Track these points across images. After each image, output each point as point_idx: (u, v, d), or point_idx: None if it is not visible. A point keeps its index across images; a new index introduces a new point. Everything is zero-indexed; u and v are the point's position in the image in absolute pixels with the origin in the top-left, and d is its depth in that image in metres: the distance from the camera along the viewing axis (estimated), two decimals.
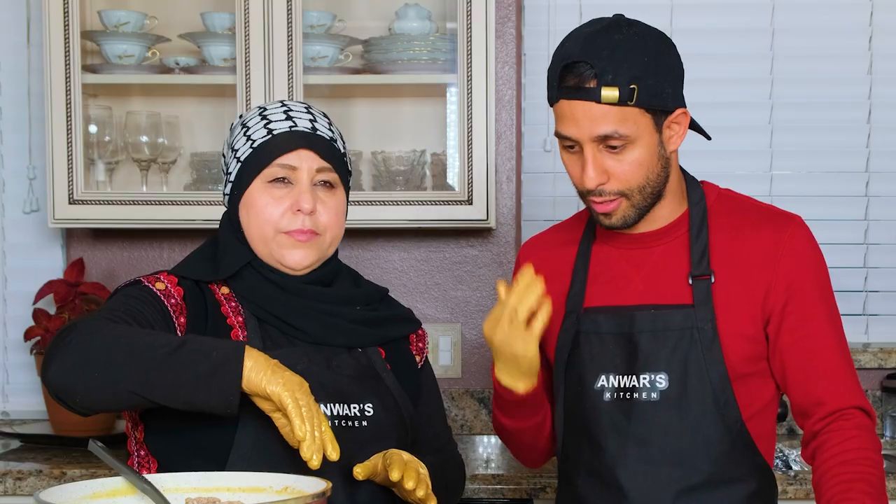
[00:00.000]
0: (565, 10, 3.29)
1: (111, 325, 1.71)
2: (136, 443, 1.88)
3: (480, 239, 3.28)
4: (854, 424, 1.90)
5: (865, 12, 3.29)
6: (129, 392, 1.66)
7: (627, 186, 1.89)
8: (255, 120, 1.93)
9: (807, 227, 1.98)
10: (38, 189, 3.30)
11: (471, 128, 2.96)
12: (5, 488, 2.67)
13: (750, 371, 1.94)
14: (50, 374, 1.68)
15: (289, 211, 1.88)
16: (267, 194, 1.88)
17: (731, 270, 1.94)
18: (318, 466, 1.60)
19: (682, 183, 2.01)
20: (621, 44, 1.84)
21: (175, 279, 1.89)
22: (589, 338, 1.98)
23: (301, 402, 1.62)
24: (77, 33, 2.98)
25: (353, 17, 3.19)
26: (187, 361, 1.64)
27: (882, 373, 3.22)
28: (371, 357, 1.95)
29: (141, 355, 1.65)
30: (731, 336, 1.91)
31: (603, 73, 1.82)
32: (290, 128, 1.90)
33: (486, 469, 2.77)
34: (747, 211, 2.00)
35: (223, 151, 1.98)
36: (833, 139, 3.30)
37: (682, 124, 1.92)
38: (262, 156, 1.88)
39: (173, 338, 1.69)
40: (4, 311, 3.33)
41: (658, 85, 1.85)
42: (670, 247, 1.98)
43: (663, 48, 1.88)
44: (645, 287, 1.97)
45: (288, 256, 1.89)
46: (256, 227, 1.89)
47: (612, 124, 1.84)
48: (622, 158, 1.87)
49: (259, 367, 1.64)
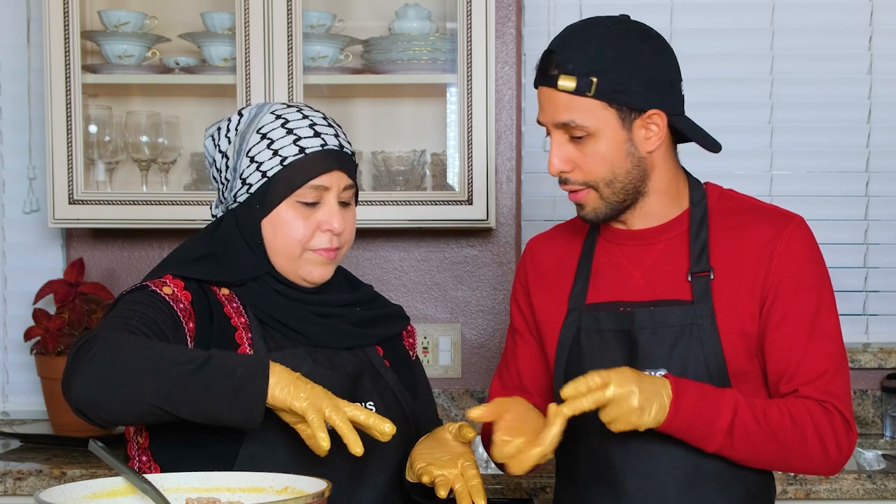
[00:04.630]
0: (565, 10, 3.29)
1: (132, 339, 1.70)
2: (139, 448, 1.88)
3: (480, 239, 3.28)
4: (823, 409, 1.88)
5: (865, 12, 3.29)
6: (153, 407, 1.66)
7: (591, 178, 1.91)
8: (278, 131, 1.89)
9: (807, 227, 1.98)
10: (38, 189, 3.30)
11: (471, 128, 2.96)
12: (5, 488, 2.67)
13: (749, 368, 1.94)
14: (73, 390, 1.67)
15: (317, 230, 1.89)
16: (296, 213, 1.88)
17: (729, 267, 1.94)
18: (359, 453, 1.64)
19: (679, 182, 2.01)
20: (595, 37, 1.88)
21: (181, 283, 1.88)
22: (590, 335, 1.99)
23: (327, 411, 1.63)
24: (77, 33, 2.98)
25: (353, 17, 3.20)
26: (213, 378, 1.64)
27: (882, 373, 3.22)
28: (370, 355, 1.96)
29: (166, 371, 1.65)
30: (729, 332, 1.92)
31: (564, 62, 1.87)
32: (322, 146, 1.88)
33: (486, 469, 2.77)
34: (748, 210, 2.01)
35: (224, 148, 1.93)
36: (833, 139, 3.30)
37: (659, 126, 1.91)
38: (296, 177, 1.87)
39: (197, 353, 1.68)
40: (4, 311, 3.33)
41: (622, 80, 1.87)
42: (670, 244, 1.98)
43: (643, 48, 1.89)
44: (645, 283, 1.98)
45: (314, 273, 1.90)
46: (284, 245, 1.89)
47: (569, 113, 1.88)
48: (584, 150, 1.90)
49: (283, 382, 1.64)
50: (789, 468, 1.92)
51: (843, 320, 3.26)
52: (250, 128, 1.91)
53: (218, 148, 1.94)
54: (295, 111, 1.92)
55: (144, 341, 1.70)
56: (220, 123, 1.95)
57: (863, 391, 3.22)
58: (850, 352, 3.19)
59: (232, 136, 1.93)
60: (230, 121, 1.94)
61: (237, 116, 1.94)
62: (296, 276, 1.91)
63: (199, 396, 1.64)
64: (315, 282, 1.92)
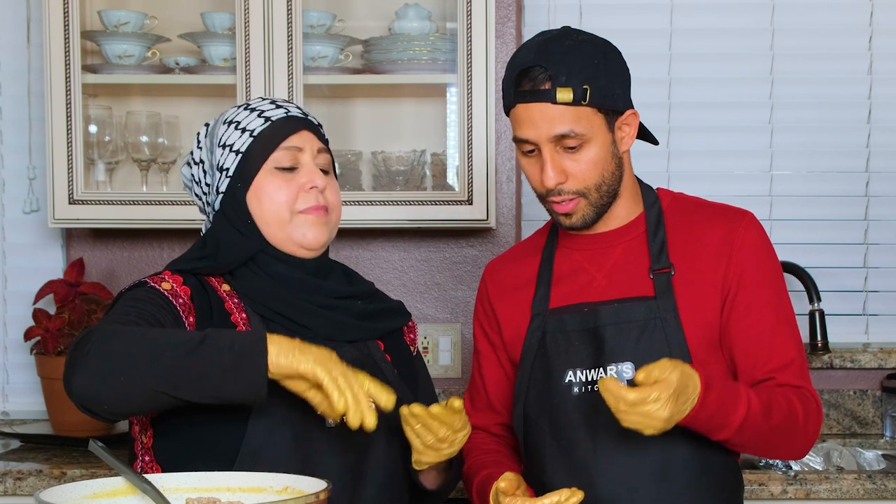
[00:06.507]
0: (565, 10, 3.29)
1: (128, 329, 1.71)
2: (143, 448, 1.88)
3: (480, 239, 3.28)
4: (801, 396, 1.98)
5: (865, 12, 3.29)
6: (155, 393, 1.66)
7: (585, 185, 1.97)
8: (243, 114, 1.97)
9: (758, 222, 2.07)
10: (38, 189, 3.30)
11: (471, 128, 2.97)
12: (5, 488, 2.67)
13: (710, 359, 2.00)
14: (74, 386, 1.67)
15: (301, 190, 1.92)
16: (276, 179, 1.92)
17: (689, 263, 2.02)
18: (373, 426, 1.63)
19: (636, 185, 2.10)
20: (571, 49, 1.95)
21: (180, 278, 1.89)
22: (555, 337, 2.04)
23: (335, 372, 1.63)
24: (77, 33, 2.98)
25: (353, 17, 3.20)
26: (211, 356, 1.64)
27: (882, 373, 3.22)
28: (371, 349, 1.98)
29: (163, 356, 1.65)
30: (692, 324, 1.99)
31: (557, 75, 1.92)
32: (286, 113, 1.96)
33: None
34: (701, 208, 2.09)
35: (199, 158, 1.99)
36: (833, 139, 3.30)
37: (632, 125, 2.02)
38: (267, 142, 1.93)
39: (193, 333, 1.69)
40: (4, 311, 3.33)
41: (609, 86, 1.95)
42: (630, 245, 2.06)
43: (610, 54, 1.99)
44: (608, 283, 2.04)
45: (307, 235, 1.92)
46: (272, 211, 1.92)
47: (568, 124, 1.93)
48: (579, 158, 1.96)
49: (285, 349, 1.64)
50: (774, 455, 2.03)
51: (843, 320, 3.31)
52: (217, 124, 1.99)
53: (192, 162, 2.01)
54: (259, 100, 2.01)
55: (140, 330, 1.71)
56: (191, 150, 2.03)
57: (863, 391, 3.22)
58: (850, 352, 3.19)
59: (203, 143, 2.00)
60: (199, 134, 2.02)
61: (204, 128, 2.02)
62: (291, 245, 1.93)
63: (200, 376, 1.64)
64: (311, 245, 1.93)
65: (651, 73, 3.24)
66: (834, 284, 3.25)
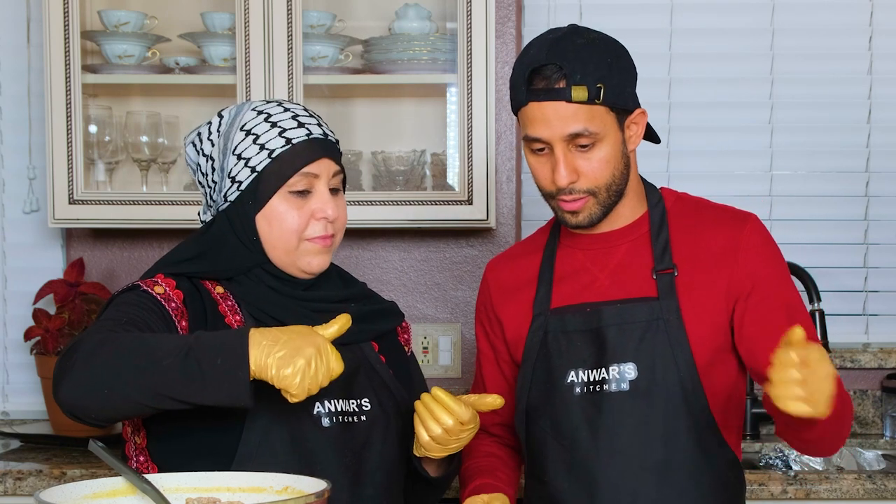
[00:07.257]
0: (565, 10, 3.29)
1: (115, 337, 1.70)
2: (136, 448, 1.88)
3: (480, 239, 3.28)
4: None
5: (865, 12, 3.29)
6: (140, 404, 1.66)
7: (595, 184, 1.96)
8: (262, 127, 1.90)
9: (762, 224, 2.06)
10: (38, 189, 3.30)
11: (471, 128, 2.97)
12: (5, 488, 2.67)
13: (715, 360, 1.99)
14: (61, 395, 1.68)
15: (312, 217, 1.90)
16: (289, 204, 1.89)
17: (692, 264, 2.01)
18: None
19: (640, 185, 2.09)
20: (584, 47, 1.93)
21: (173, 282, 1.88)
22: (557, 337, 2.03)
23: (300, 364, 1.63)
24: (77, 33, 2.98)
25: (353, 17, 3.20)
26: (193, 370, 1.64)
27: (882, 373, 3.22)
28: (365, 351, 1.98)
29: (147, 369, 1.65)
30: (695, 325, 1.98)
31: (572, 74, 1.91)
32: (307, 136, 1.91)
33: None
34: (705, 210, 2.09)
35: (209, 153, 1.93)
36: (833, 139, 3.30)
37: (640, 124, 2.01)
38: (285, 167, 1.88)
39: (178, 342, 1.68)
40: (4, 311, 3.33)
41: (621, 84, 1.94)
42: (633, 245, 2.05)
43: (621, 52, 1.98)
44: (610, 283, 2.03)
45: (312, 263, 1.92)
46: (280, 237, 1.90)
47: (582, 122, 1.92)
48: (591, 157, 1.95)
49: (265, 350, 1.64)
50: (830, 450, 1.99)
51: (842, 320, 3.30)
52: (233, 127, 1.93)
53: (201, 152, 1.95)
54: (276, 105, 1.94)
55: (127, 338, 1.70)
56: (199, 129, 1.97)
57: (863, 391, 3.22)
58: (850, 352, 3.19)
59: (215, 139, 1.94)
60: (211, 124, 1.96)
61: (217, 119, 1.96)
62: (294, 269, 1.92)
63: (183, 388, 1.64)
64: (314, 272, 1.93)
65: (651, 73, 3.24)
66: (834, 284, 3.25)
